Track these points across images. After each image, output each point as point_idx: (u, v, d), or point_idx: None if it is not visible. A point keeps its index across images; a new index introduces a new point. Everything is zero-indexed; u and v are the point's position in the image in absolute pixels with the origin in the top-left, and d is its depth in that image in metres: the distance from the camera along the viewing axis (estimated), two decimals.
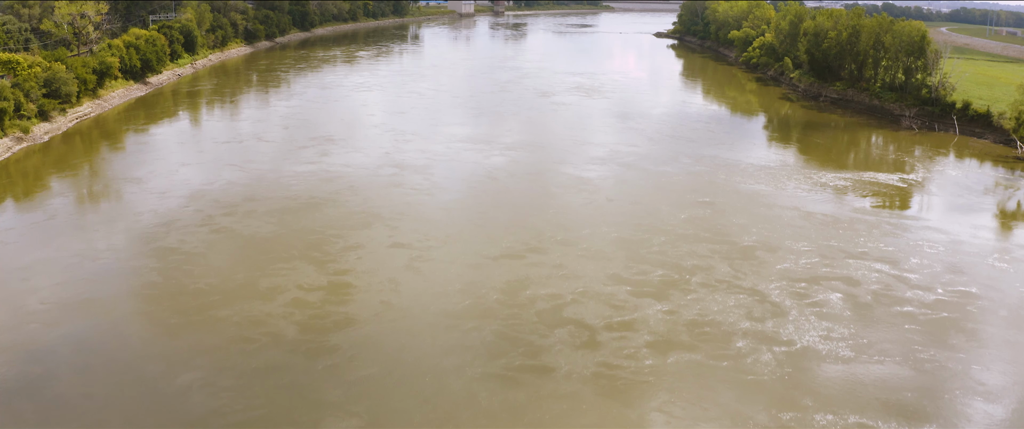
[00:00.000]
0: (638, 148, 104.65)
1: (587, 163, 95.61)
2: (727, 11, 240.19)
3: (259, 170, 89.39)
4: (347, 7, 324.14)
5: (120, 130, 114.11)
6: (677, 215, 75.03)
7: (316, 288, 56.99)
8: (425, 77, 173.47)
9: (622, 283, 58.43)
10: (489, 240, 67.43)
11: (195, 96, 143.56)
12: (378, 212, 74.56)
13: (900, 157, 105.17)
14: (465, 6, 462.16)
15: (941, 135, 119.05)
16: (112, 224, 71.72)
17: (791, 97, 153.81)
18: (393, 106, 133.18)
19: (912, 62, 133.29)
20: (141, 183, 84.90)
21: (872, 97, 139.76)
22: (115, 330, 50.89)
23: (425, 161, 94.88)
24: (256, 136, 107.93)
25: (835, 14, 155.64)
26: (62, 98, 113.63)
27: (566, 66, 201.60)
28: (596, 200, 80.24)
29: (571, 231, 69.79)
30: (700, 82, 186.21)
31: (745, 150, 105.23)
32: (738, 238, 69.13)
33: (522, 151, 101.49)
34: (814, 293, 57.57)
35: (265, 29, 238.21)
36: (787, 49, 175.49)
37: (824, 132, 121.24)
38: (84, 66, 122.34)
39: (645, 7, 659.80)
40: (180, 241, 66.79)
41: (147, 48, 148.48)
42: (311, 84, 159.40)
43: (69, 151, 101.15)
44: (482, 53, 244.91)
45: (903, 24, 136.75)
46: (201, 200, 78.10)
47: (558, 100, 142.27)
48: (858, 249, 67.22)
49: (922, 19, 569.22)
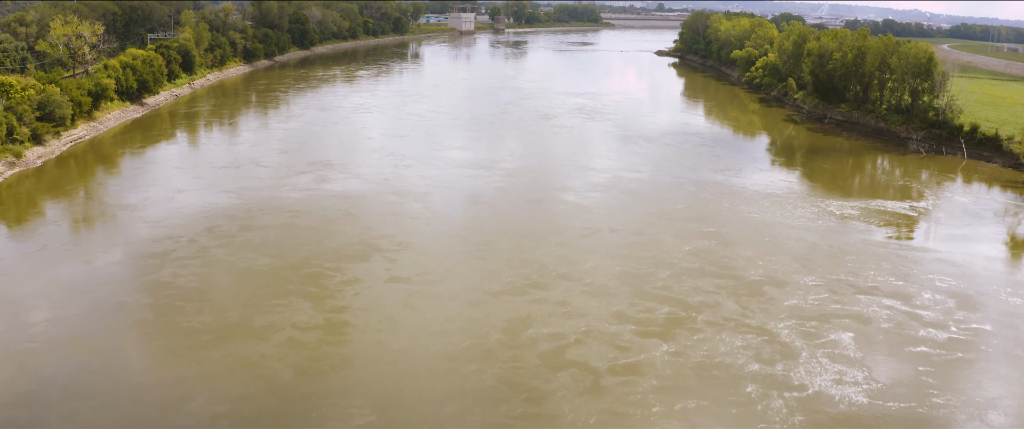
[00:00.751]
0: (641, 173, 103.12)
1: (589, 190, 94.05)
2: (729, 30, 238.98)
3: (256, 198, 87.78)
4: (347, 25, 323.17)
5: (115, 154, 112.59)
6: (681, 247, 73.37)
7: (312, 327, 55.30)
8: (425, 97, 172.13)
9: (627, 321, 56.74)
10: (490, 274, 65.76)
11: (192, 118, 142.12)
12: (376, 243, 72.93)
13: (908, 183, 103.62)
14: (465, 23, 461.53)
15: (949, 159, 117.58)
16: (105, 255, 70.06)
17: (795, 119, 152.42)
18: (392, 128, 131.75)
19: (919, 84, 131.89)
20: (135, 211, 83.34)
21: (878, 119, 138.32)
22: (105, 372, 49.15)
23: (425, 188, 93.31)
24: (254, 161, 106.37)
25: (840, 35, 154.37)
26: (56, 121, 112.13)
27: (567, 86, 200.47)
28: (599, 230, 78.63)
29: (574, 264, 68.13)
30: (703, 103, 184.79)
31: (750, 175, 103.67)
32: (744, 272, 67.48)
33: (523, 177, 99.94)
34: (824, 332, 55.87)
35: (264, 48, 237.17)
36: (791, 70, 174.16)
37: (830, 156, 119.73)
38: (79, 88, 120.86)
39: (645, 24, 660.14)
40: (174, 274, 65.20)
41: (144, 69, 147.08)
42: (310, 105, 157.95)
43: (63, 176, 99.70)
44: (482, 72, 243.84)
45: (909, 46, 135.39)
46: (196, 229, 76.51)
47: (559, 123, 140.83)
48: (868, 284, 65.58)
49: (923, 35, 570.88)
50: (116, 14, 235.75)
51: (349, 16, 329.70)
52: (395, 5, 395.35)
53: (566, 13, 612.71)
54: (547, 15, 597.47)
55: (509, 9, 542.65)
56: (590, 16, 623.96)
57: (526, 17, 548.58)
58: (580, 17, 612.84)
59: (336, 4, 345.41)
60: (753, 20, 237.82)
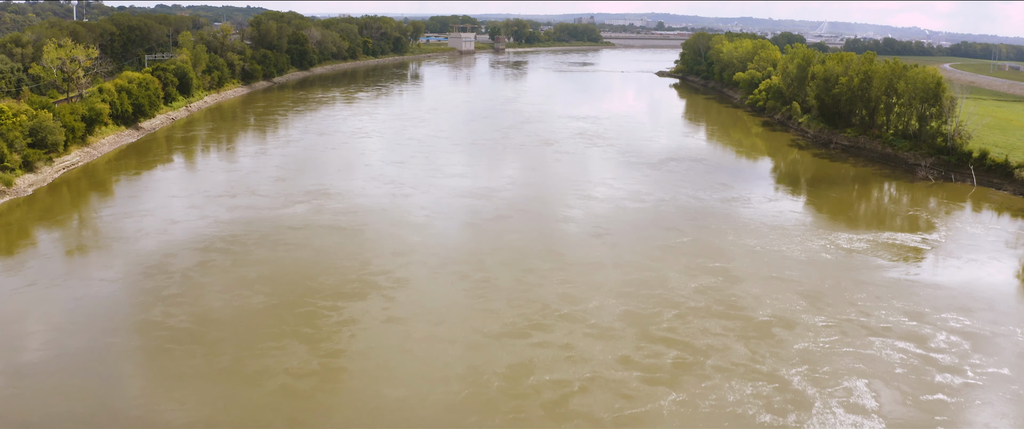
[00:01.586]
0: (644, 203, 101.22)
1: (592, 221, 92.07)
2: (732, 52, 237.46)
3: (252, 230, 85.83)
4: (347, 45, 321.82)
5: (109, 181, 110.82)
6: (687, 284, 71.33)
7: (306, 374, 53.21)
8: (424, 121, 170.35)
9: (633, 367, 54.66)
10: (490, 314, 63.70)
11: (189, 142, 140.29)
12: (374, 280, 70.94)
13: (917, 212, 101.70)
14: (465, 43, 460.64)
15: (958, 186, 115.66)
16: (96, 291, 68.22)
17: (800, 143, 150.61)
18: (391, 154, 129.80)
19: (926, 109, 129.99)
20: (128, 242, 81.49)
21: (885, 145, 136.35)
22: (92, 422, 47.19)
23: (424, 218, 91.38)
24: (250, 189, 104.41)
25: (845, 58, 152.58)
26: (48, 147, 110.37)
27: (568, 109, 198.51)
28: (602, 264, 76.62)
29: (577, 304, 66.08)
30: (706, 126, 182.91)
31: (755, 204, 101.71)
32: (753, 311, 65.44)
33: (524, 207, 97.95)
34: (837, 379, 53.79)
35: (263, 69, 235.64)
36: (795, 93, 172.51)
37: (837, 183, 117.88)
38: (73, 113, 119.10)
39: (645, 43, 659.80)
40: (165, 313, 63.25)
41: (139, 92, 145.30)
42: (308, 129, 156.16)
43: (55, 204, 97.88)
44: (483, 94, 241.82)
45: (917, 70, 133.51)
46: (190, 263, 74.61)
47: (561, 148, 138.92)
48: (880, 324, 63.55)
49: (923, 54, 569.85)
50: (114, 34, 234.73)
51: (348, 36, 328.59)
52: (395, 25, 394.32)
53: (566, 33, 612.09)
54: (547, 34, 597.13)
55: (509, 29, 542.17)
56: (590, 35, 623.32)
57: (526, 37, 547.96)
58: (580, 36, 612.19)
59: (336, 24, 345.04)
60: (755, 42, 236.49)
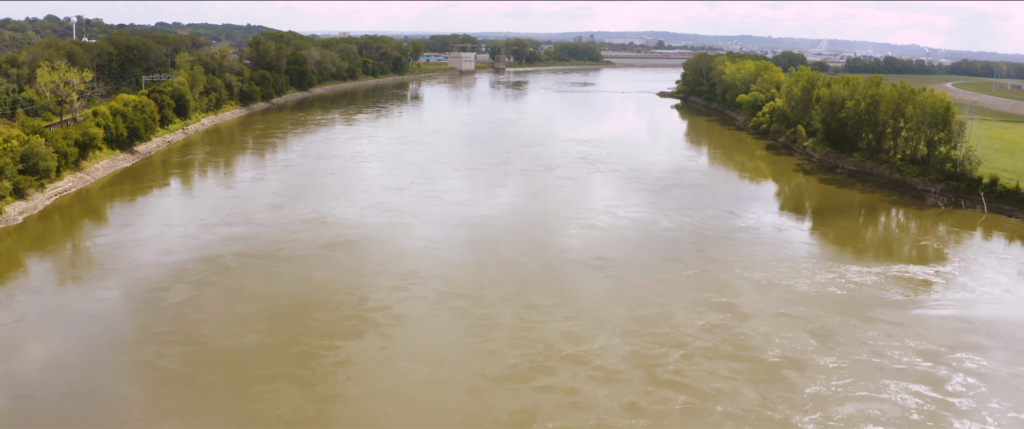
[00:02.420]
0: (648, 232, 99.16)
1: (596, 253, 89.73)
2: (734, 73, 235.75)
3: (247, 262, 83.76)
4: (346, 66, 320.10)
5: (102, 207, 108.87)
6: (694, 321, 69.11)
7: (301, 421, 51.02)
8: (424, 144, 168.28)
9: (640, 414, 52.43)
10: (491, 355, 61.47)
11: (185, 167, 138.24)
12: (371, 316, 68.76)
13: (928, 242, 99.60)
14: (466, 63, 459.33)
15: (968, 213, 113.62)
16: (86, 329, 66.08)
17: (806, 167, 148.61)
18: (391, 180, 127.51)
19: (935, 134, 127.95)
20: (120, 275, 79.50)
21: (892, 170, 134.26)
22: None
23: (423, 249, 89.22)
24: (246, 217, 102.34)
25: (852, 82, 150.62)
26: (40, 173, 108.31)
27: (570, 132, 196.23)
28: (606, 300, 74.39)
29: (581, 343, 63.86)
30: (710, 150, 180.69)
31: (763, 234, 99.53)
32: (762, 351, 63.25)
33: (526, 238, 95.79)
34: (852, 428, 51.54)
35: (261, 90, 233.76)
36: (799, 116, 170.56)
37: (845, 211, 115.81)
38: (65, 138, 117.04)
39: (646, 62, 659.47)
40: (156, 353, 61.15)
41: (135, 115, 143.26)
42: (307, 153, 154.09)
43: (46, 232, 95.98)
44: (483, 116, 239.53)
45: (925, 95, 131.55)
46: (183, 298, 72.63)
47: (563, 173, 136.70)
48: (894, 365, 61.37)
49: (924, 72, 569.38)
50: (111, 54, 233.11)
51: (348, 57, 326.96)
52: (394, 45, 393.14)
53: (566, 52, 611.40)
54: (547, 54, 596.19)
55: (509, 48, 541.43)
56: (590, 55, 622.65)
57: (526, 56, 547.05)
58: (580, 56, 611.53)
59: (335, 45, 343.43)
60: (758, 63, 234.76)
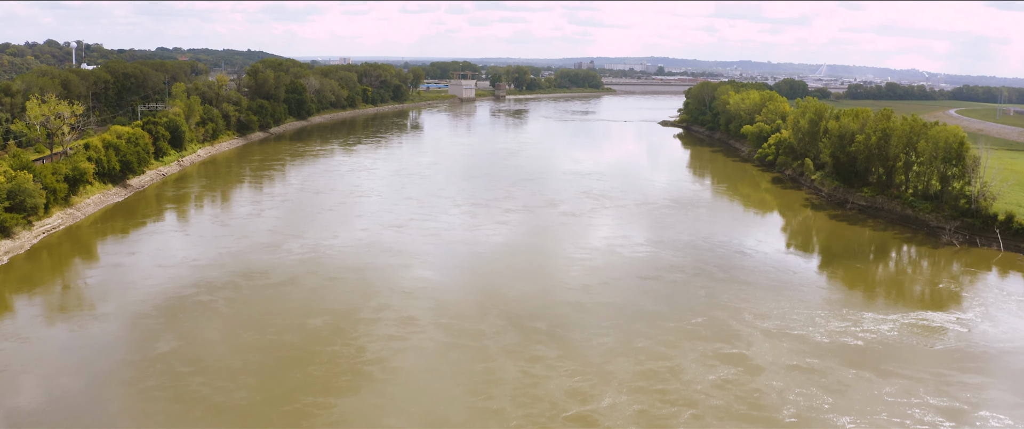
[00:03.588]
0: (655, 273, 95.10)
1: (602, 299, 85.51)
2: (738, 103, 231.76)
3: (240, 309, 79.92)
4: (346, 94, 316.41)
5: (92, 246, 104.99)
6: (705, 376, 64.78)
7: None
8: (424, 177, 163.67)
9: None
10: (493, 416, 57.23)
11: (179, 201, 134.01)
12: (368, 370, 64.64)
13: (946, 285, 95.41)
14: (466, 90, 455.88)
15: (984, 252, 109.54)
16: (68, 382, 62.55)
17: (814, 202, 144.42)
18: (389, 217, 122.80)
19: (949, 169, 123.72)
20: (107, 322, 75.84)
21: (904, 206, 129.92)
22: None
23: (422, 295, 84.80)
24: (240, 257, 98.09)
25: (862, 115, 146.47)
26: (28, 211, 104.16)
27: (572, 164, 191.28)
28: (613, 351, 70.07)
29: (588, 401, 59.52)
30: (715, 183, 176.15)
31: (773, 278, 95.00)
32: (776, 411, 59.09)
33: (529, 281, 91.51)
34: None
35: (259, 119, 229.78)
36: (806, 148, 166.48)
37: (857, 250, 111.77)
38: (55, 173, 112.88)
39: (647, 89, 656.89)
40: (141, 412, 57.62)
41: (128, 148, 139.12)
42: (305, 188, 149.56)
43: (32, 273, 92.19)
44: (484, 146, 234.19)
45: (938, 129, 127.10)
46: (171, 347, 69.00)
47: (566, 209, 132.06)
48: (916, 425, 57.26)
49: (926, 98, 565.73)
50: (108, 82, 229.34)
51: (347, 85, 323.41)
52: (394, 73, 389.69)
53: (567, 79, 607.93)
54: (548, 81, 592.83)
55: (510, 75, 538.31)
56: (591, 82, 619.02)
57: (527, 83, 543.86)
58: (581, 83, 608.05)
59: (334, 73, 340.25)
60: (763, 93, 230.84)
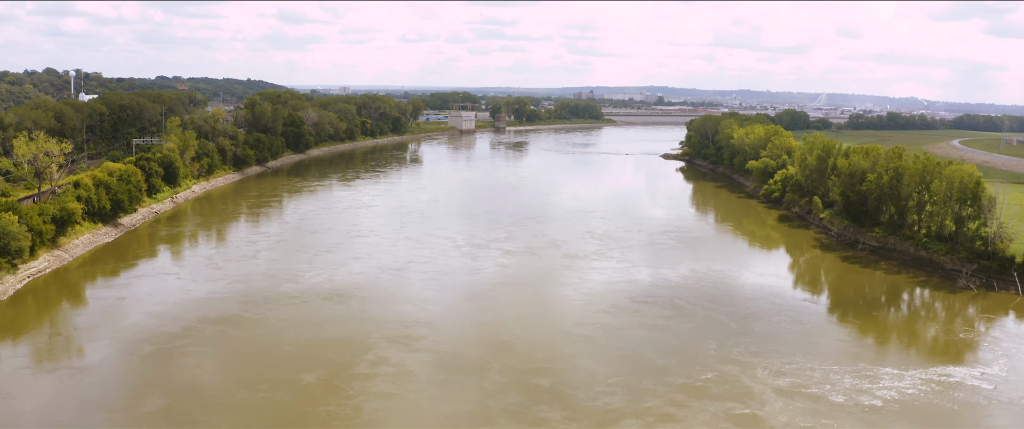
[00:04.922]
0: (663, 323, 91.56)
1: (607, 352, 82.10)
2: (743, 138, 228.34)
3: (231, 365, 76.79)
4: (344, 127, 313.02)
5: (79, 289, 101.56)
6: None
7: None
8: (424, 215, 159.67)
9: None
10: None
11: (172, 241, 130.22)
12: None
13: (966, 334, 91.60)
14: (466, 122, 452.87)
15: (1003, 296, 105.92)
16: None
17: (824, 242, 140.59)
18: (388, 259, 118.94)
19: (964, 209, 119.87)
20: (90, 374, 73.52)
21: (918, 247, 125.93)
22: None
23: (420, 347, 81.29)
24: (232, 305, 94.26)
25: (872, 152, 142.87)
26: (12, 254, 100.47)
27: (574, 201, 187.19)
28: (620, 412, 67.15)
29: None
30: (721, 222, 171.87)
31: (786, 329, 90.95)
32: None
33: (532, 333, 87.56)
34: None
35: (256, 153, 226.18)
36: (814, 185, 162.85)
37: (872, 295, 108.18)
38: (41, 214, 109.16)
39: (647, 120, 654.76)
40: None
41: (119, 186, 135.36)
42: (301, 227, 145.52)
43: (16, 319, 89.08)
44: (484, 181, 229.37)
45: (952, 169, 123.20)
46: (157, 406, 66.14)
47: (569, 250, 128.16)
48: None
49: (927, 127, 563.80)
50: (104, 114, 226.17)
51: (346, 117, 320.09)
52: (394, 104, 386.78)
53: (567, 110, 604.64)
54: (548, 112, 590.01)
55: (510, 107, 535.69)
56: (591, 112, 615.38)
57: (527, 115, 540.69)
58: (581, 114, 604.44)
59: (333, 105, 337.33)
60: (768, 128, 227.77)
